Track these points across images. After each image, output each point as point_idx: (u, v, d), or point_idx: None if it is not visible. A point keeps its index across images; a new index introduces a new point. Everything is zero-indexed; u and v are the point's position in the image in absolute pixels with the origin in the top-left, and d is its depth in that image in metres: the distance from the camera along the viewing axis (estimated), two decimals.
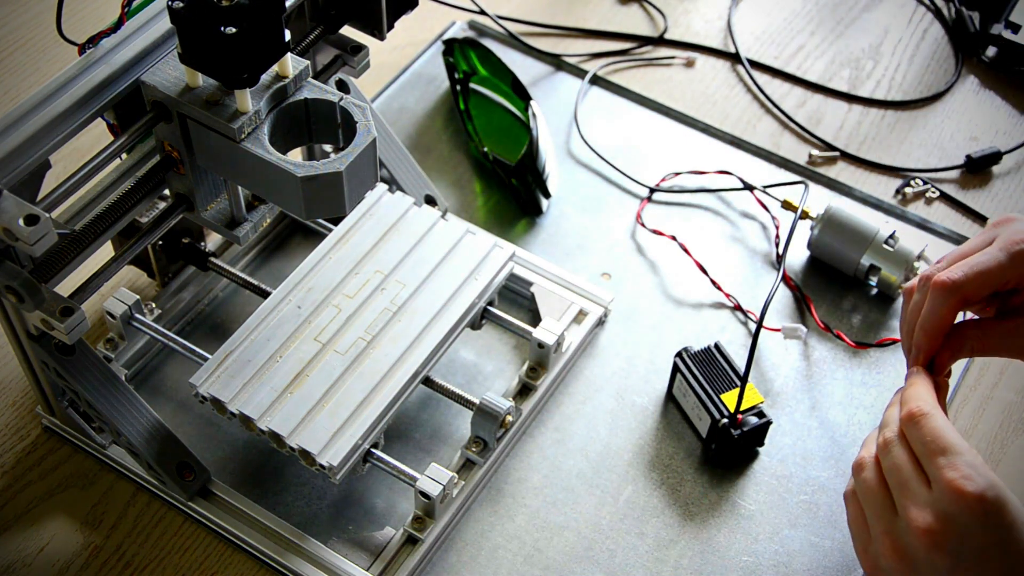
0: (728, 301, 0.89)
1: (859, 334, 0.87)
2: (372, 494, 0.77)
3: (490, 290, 0.79)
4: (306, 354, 0.74)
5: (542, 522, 0.77)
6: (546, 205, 0.94)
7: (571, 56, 1.07)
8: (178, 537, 0.75)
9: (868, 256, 0.87)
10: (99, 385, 0.71)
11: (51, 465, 0.78)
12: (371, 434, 0.71)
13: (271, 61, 0.64)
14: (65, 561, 0.74)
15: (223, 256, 0.86)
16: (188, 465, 0.74)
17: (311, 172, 0.62)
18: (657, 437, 0.81)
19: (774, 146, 1.01)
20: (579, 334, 0.84)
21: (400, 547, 0.74)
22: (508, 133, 0.97)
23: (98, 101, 0.66)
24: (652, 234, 0.93)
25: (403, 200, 0.82)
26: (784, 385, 0.84)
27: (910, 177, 0.98)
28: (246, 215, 0.74)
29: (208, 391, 0.72)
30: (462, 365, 0.84)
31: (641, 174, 0.97)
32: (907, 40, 1.11)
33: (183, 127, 0.66)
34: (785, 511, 0.78)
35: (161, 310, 0.83)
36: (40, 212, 0.58)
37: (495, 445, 0.77)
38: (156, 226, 0.72)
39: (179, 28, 0.62)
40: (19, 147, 0.62)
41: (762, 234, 0.93)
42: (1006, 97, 1.06)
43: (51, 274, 0.66)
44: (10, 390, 0.82)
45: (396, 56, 1.06)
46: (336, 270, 0.78)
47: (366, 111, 0.66)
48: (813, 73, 1.07)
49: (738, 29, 1.11)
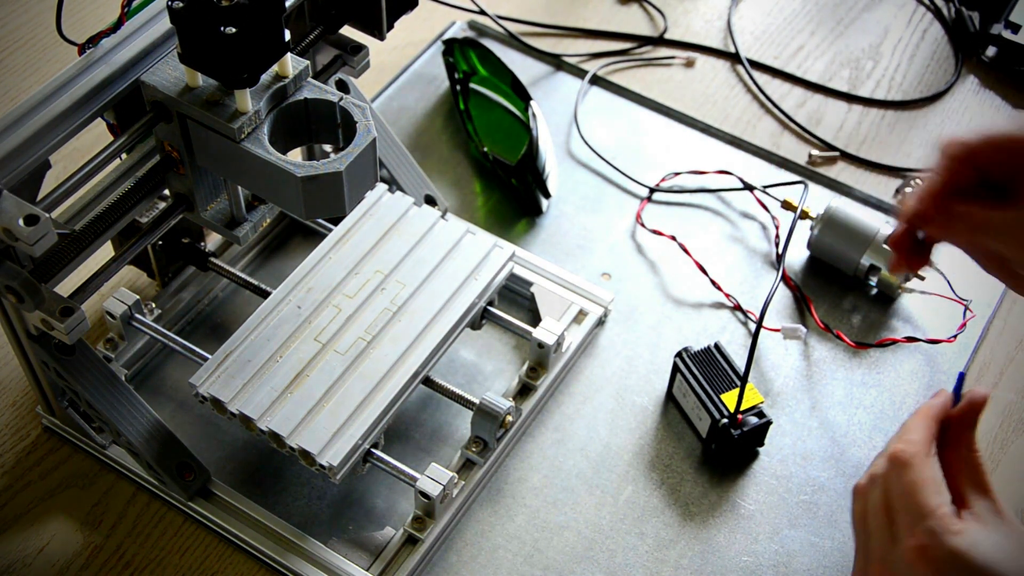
0: (728, 301, 0.89)
1: (859, 334, 0.87)
2: (372, 494, 0.77)
3: (490, 290, 0.79)
4: (306, 354, 0.74)
5: (542, 522, 0.77)
6: (546, 205, 0.94)
7: (571, 56, 1.07)
8: (178, 537, 0.75)
9: (868, 256, 0.87)
10: (99, 385, 0.71)
11: (51, 465, 0.78)
12: (371, 434, 0.71)
13: (271, 61, 0.64)
14: (65, 561, 0.74)
15: (223, 256, 0.86)
16: (188, 465, 0.74)
17: (311, 172, 0.62)
18: (657, 437, 0.81)
19: (774, 146, 1.01)
20: (579, 334, 0.84)
21: (400, 547, 0.74)
22: (508, 133, 0.97)
23: (98, 101, 0.66)
24: (652, 234, 0.93)
25: (403, 200, 0.82)
26: (784, 385, 0.84)
27: (910, 177, 0.98)
28: (246, 215, 0.74)
29: (208, 391, 0.72)
30: (462, 365, 0.84)
31: (641, 174, 0.97)
32: (907, 40, 1.11)
33: (183, 127, 0.66)
34: (785, 511, 0.78)
35: (161, 310, 0.83)
36: (40, 212, 0.58)
37: (495, 445, 0.77)
38: (156, 226, 0.72)
39: (179, 28, 0.62)
40: (19, 147, 0.62)
41: (762, 234, 0.93)
42: (1006, 97, 1.06)
43: (51, 274, 0.66)
44: (10, 390, 0.82)
45: (396, 56, 1.06)
46: (336, 270, 0.78)
47: (366, 111, 0.65)
48: (813, 73, 1.07)
49: (738, 29, 1.11)
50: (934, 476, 0.57)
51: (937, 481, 0.57)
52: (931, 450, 0.59)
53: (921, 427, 0.59)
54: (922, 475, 0.57)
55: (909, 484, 0.57)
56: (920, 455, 0.58)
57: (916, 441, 0.58)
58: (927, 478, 0.57)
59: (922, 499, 0.56)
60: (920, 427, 0.59)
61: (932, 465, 0.58)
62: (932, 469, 0.58)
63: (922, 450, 0.58)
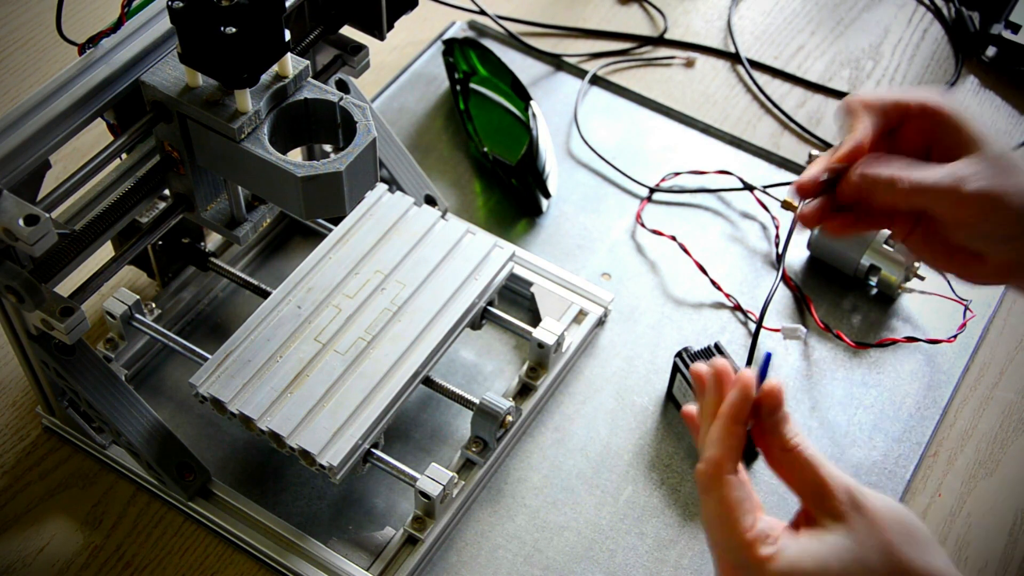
0: (728, 301, 0.89)
1: (859, 334, 0.87)
2: (372, 494, 0.77)
3: (490, 290, 0.79)
4: (306, 354, 0.74)
5: (542, 522, 0.77)
6: (546, 205, 0.94)
7: (571, 56, 1.07)
8: (178, 537, 0.75)
9: (868, 256, 0.87)
10: (99, 385, 0.71)
11: (51, 465, 0.78)
12: (371, 434, 0.71)
13: (271, 61, 0.64)
14: (65, 561, 0.74)
15: (223, 256, 0.86)
16: (188, 465, 0.74)
17: (311, 172, 0.62)
18: (657, 437, 0.81)
19: (774, 146, 1.01)
20: (579, 334, 0.84)
21: (400, 547, 0.74)
22: (508, 133, 0.97)
23: (98, 101, 0.66)
24: (652, 234, 0.93)
25: (403, 200, 0.82)
26: (784, 385, 0.84)
27: None
28: (246, 215, 0.74)
29: (208, 391, 0.72)
30: (462, 365, 0.84)
31: (641, 174, 0.97)
32: (907, 40, 1.11)
33: (183, 127, 0.66)
34: (785, 511, 0.77)
35: (161, 310, 0.83)
36: (40, 212, 0.58)
37: (495, 445, 0.77)
38: (156, 226, 0.72)
39: (179, 28, 0.62)
40: (19, 147, 0.62)
41: (762, 234, 0.93)
42: (1006, 97, 1.06)
43: (51, 274, 0.66)
44: (10, 390, 0.82)
45: (396, 56, 1.06)
46: (336, 270, 0.78)
47: (366, 111, 0.65)
48: (813, 73, 1.07)
49: (738, 29, 1.11)
50: (736, 497, 0.53)
51: (740, 502, 0.53)
52: (732, 464, 0.54)
53: (719, 440, 0.54)
54: (724, 500, 0.53)
55: (713, 512, 0.53)
56: (718, 475, 0.53)
57: (713, 459, 0.53)
58: (729, 502, 0.52)
59: (728, 528, 0.52)
60: (718, 440, 0.54)
61: (732, 485, 0.53)
62: (732, 490, 0.53)
63: (722, 468, 0.53)
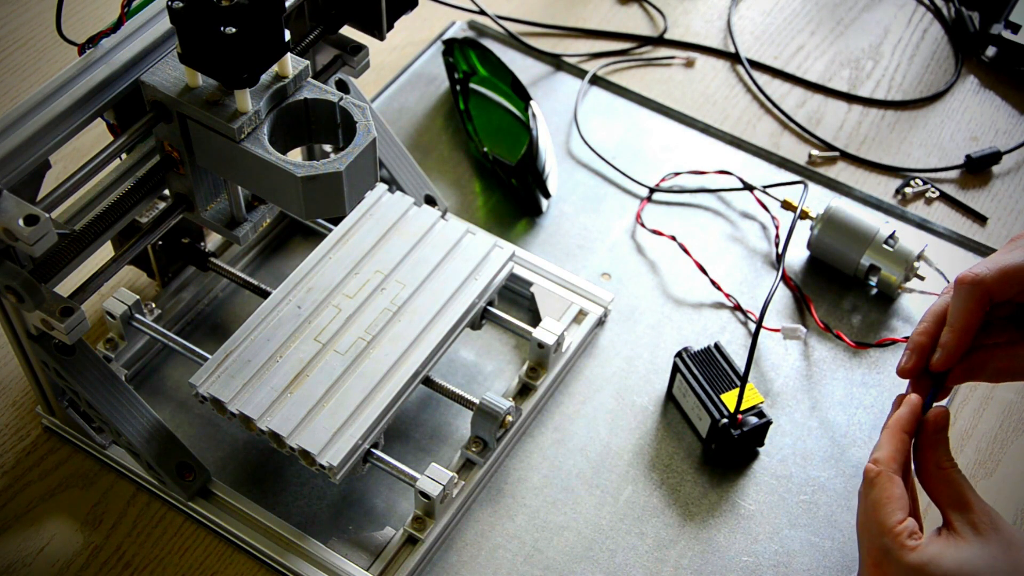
0: (728, 301, 0.89)
1: (859, 334, 0.87)
2: (372, 494, 0.77)
3: (490, 290, 0.79)
4: (306, 354, 0.74)
5: (542, 522, 0.77)
6: (546, 205, 0.94)
7: (571, 56, 1.07)
8: (178, 537, 0.75)
9: (868, 256, 0.87)
10: (99, 385, 0.71)
11: (51, 465, 0.78)
12: (371, 434, 0.71)
13: (271, 61, 0.64)
14: (65, 561, 0.74)
15: (223, 256, 0.86)
16: (188, 465, 0.74)
17: (311, 172, 0.62)
18: (657, 437, 0.81)
19: (774, 146, 1.01)
20: (579, 334, 0.84)
21: (400, 547, 0.74)
22: (508, 133, 0.97)
23: (98, 101, 0.66)
24: (652, 234, 0.93)
25: (403, 200, 0.82)
26: (784, 385, 0.84)
27: (910, 177, 0.98)
28: (246, 215, 0.74)
29: (208, 391, 0.72)
30: (462, 365, 0.84)
31: (641, 174, 0.97)
32: (907, 40, 1.11)
33: (183, 127, 0.66)
34: (785, 511, 0.78)
35: (161, 310, 0.83)
36: (40, 212, 0.58)
37: (495, 445, 0.77)
38: (156, 226, 0.72)
39: (179, 28, 0.62)
40: (19, 147, 0.62)
41: (762, 234, 0.93)
42: (1006, 97, 1.06)
43: (51, 274, 0.66)
44: (10, 390, 0.82)
45: (396, 56, 1.06)
46: (336, 270, 0.78)
47: (366, 111, 0.65)
48: (813, 73, 1.07)
49: (738, 29, 1.11)
50: (895, 494, 0.60)
51: (897, 498, 0.60)
52: (897, 466, 0.61)
53: (888, 443, 0.62)
54: (884, 493, 0.60)
55: (872, 502, 0.60)
56: (884, 473, 0.60)
57: (882, 459, 0.61)
58: (888, 496, 0.60)
59: (882, 517, 0.59)
60: (887, 443, 0.62)
61: (894, 483, 0.60)
62: (894, 487, 0.60)
63: (887, 468, 0.61)
